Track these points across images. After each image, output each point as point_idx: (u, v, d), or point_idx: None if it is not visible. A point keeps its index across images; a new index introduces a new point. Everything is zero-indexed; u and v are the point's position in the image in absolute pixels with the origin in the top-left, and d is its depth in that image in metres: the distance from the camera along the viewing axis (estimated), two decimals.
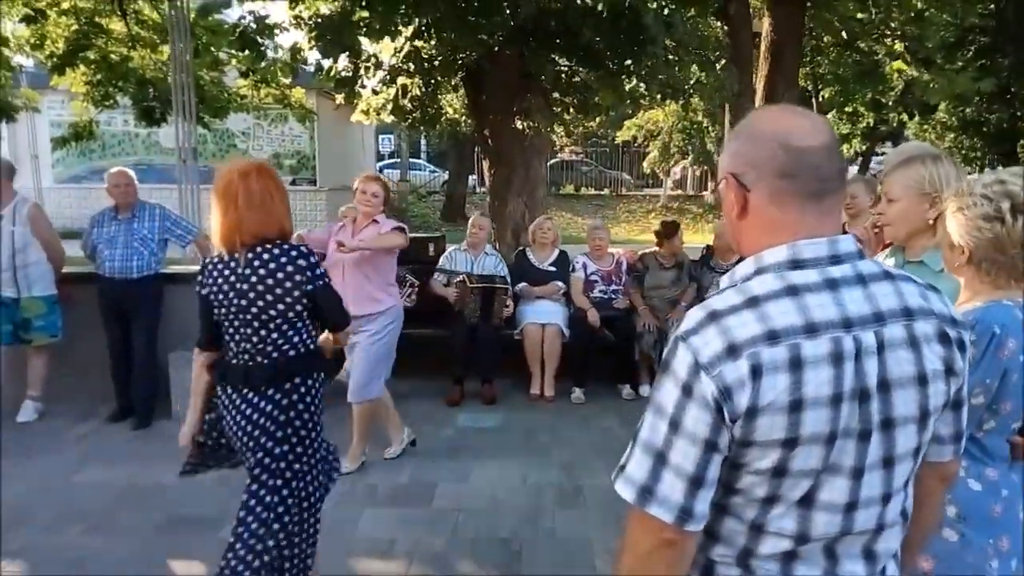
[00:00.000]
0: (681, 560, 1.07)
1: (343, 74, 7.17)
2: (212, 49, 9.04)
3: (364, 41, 6.44)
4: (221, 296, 2.37)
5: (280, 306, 2.34)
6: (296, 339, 2.40)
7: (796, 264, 1.04)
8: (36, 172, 17.49)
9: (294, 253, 2.35)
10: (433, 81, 7.11)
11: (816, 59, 16.05)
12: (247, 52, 7.59)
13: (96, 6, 10.46)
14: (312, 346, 2.46)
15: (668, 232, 5.63)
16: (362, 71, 7.11)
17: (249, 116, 14.71)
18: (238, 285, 2.34)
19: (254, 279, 2.33)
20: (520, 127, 6.72)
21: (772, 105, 1.20)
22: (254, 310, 2.33)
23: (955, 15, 9.36)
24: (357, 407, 3.99)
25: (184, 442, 2.56)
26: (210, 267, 2.42)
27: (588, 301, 5.45)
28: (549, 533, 3.35)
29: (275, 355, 2.37)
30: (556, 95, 7.16)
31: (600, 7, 5.67)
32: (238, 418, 2.37)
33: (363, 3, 5.64)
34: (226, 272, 2.37)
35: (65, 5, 10.26)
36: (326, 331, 2.56)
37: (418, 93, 7.20)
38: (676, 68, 6.86)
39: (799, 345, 0.99)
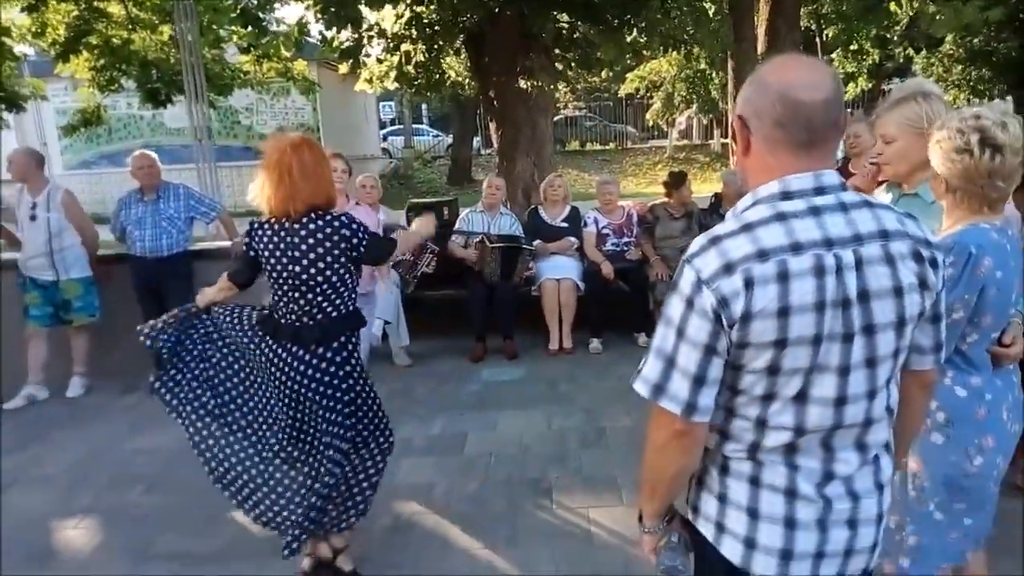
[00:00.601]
0: (692, 448, 1.29)
1: (346, 44, 7.24)
2: (214, 27, 9.07)
3: (365, 10, 6.50)
4: (273, 260, 2.53)
5: (327, 272, 2.50)
6: (339, 301, 2.57)
7: (785, 195, 1.22)
8: (46, 160, 17.64)
9: (338, 223, 2.50)
10: (436, 46, 7.18)
11: (801, 2, 15.90)
12: (250, 28, 7.65)
13: None
14: (352, 307, 2.64)
15: (676, 182, 5.75)
16: (365, 40, 7.18)
17: (251, 92, 14.76)
18: (289, 252, 2.50)
19: (303, 247, 2.48)
20: (524, 86, 6.79)
21: (789, 56, 1.33)
22: (304, 276, 2.50)
23: None
24: None
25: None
26: (259, 231, 2.56)
27: (601, 254, 5.60)
28: (576, 471, 3.58)
29: (320, 316, 2.54)
30: (558, 52, 7.20)
31: None
32: (291, 373, 2.56)
33: None
34: (275, 238, 2.52)
35: None
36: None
37: (421, 59, 7.27)
38: (675, 19, 6.88)
39: (786, 261, 1.17)
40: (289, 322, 2.57)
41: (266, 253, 2.55)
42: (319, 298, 2.53)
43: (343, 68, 9.59)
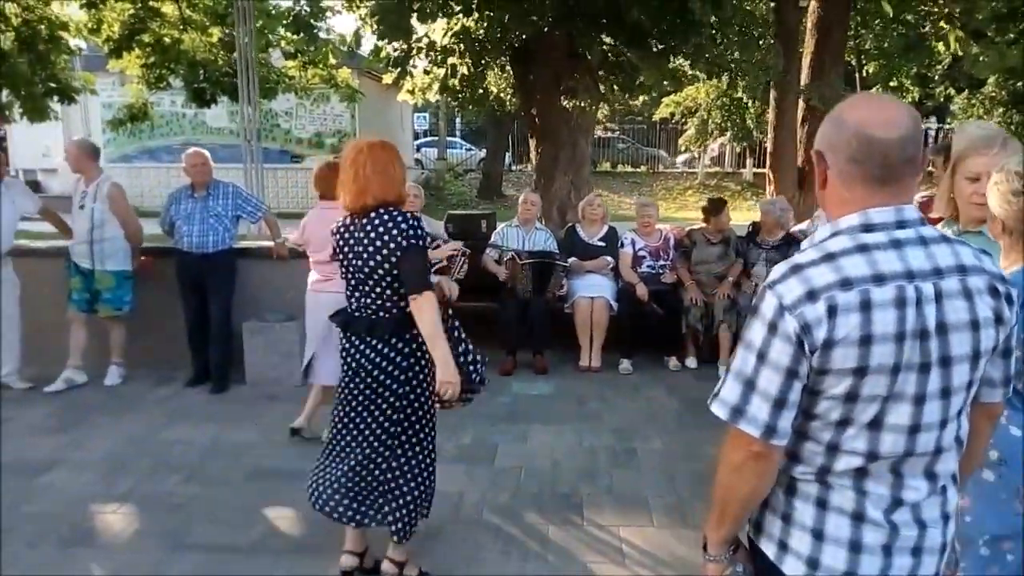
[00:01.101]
0: (767, 471, 1.31)
1: (395, 54, 7.38)
2: (266, 32, 9.28)
3: (416, 23, 6.63)
4: (351, 255, 2.63)
5: (386, 265, 2.54)
6: (400, 297, 2.59)
7: (867, 228, 1.25)
8: None
9: (399, 218, 2.55)
10: (482, 61, 7.29)
11: (860, 33, 15.79)
12: (301, 35, 7.83)
13: None
14: None
15: (715, 209, 5.76)
16: (414, 52, 7.31)
17: (291, 96, 15.03)
18: (357, 246, 2.60)
19: (366, 241, 2.57)
20: (567, 106, 6.86)
21: (867, 94, 1.43)
22: (366, 269, 2.58)
23: None
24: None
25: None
26: (341, 229, 2.68)
27: (636, 275, 5.62)
28: (607, 489, 3.59)
29: (394, 311, 2.61)
30: (601, 74, 7.27)
31: None
32: (365, 363, 2.64)
33: None
34: (346, 233, 2.64)
35: None
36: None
37: (466, 72, 7.38)
38: (722, 46, 6.92)
39: (869, 291, 1.20)
40: (364, 315, 2.66)
41: (344, 248, 2.65)
42: (387, 291, 2.59)
43: (387, 78, 9.74)
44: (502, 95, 9.09)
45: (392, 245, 2.52)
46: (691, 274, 5.64)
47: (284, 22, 8.55)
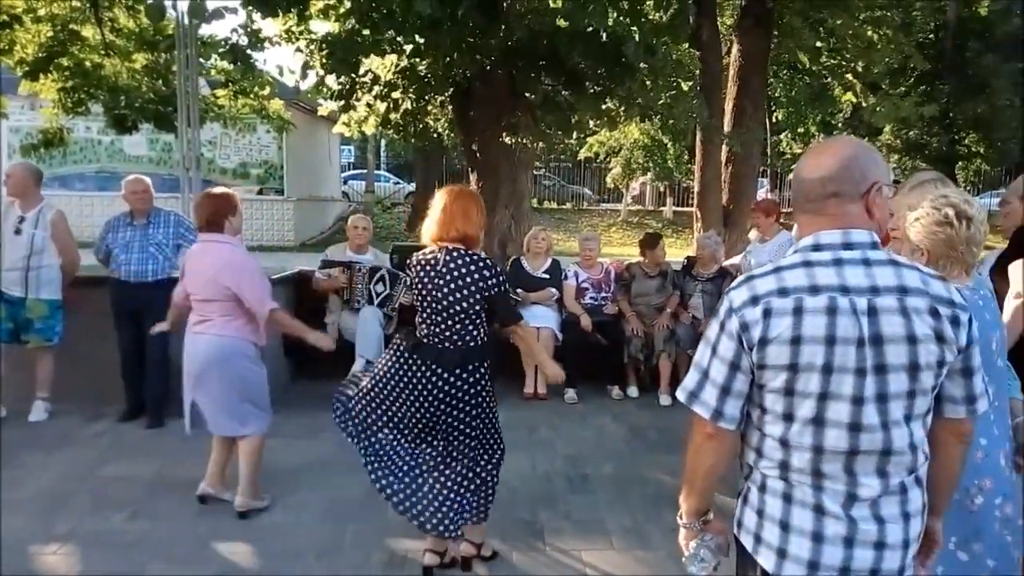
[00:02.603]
0: (720, 450, 1.55)
1: (338, 87, 7.41)
2: (200, 60, 9.11)
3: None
4: (422, 286, 2.87)
5: (464, 303, 2.81)
6: (475, 332, 2.88)
7: (816, 247, 1.50)
8: None
9: (481, 263, 2.85)
10: (424, 97, 7.41)
11: (770, 82, 16.94)
12: (238, 64, 7.74)
13: (71, 13, 10.44)
14: (486, 338, 2.94)
15: (651, 243, 6.03)
16: (357, 86, 7.36)
17: (216, 125, 14.70)
18: (436, 280, 2.83)
19: (448, 277, 2.81)
20: (509, 142, 7.05)
21: (820, 142, 1.73)
22: (445, 303, 2.82)
23: (898, 43, 10.13)
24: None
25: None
26: (416, 262, 2.93)
27: (580, 307, 5.79)
28: (565, 515, 3.66)
29: (460, 343, 2.85)
30: (539, 113, 7.51)
31: (590, 31, 6.04)
32: (432, 390, 2.86)
33: (368, 23, 5.91)
34: (427, 267, 2.87)
35: (41, 12, 10.21)
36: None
37: (409, 107, 7.49)
38: (651, 92, 7.29)
39: (803, 299, 1.43)
40: (432, 344, 2.88)
41: (418, 280, 2.90)
42: (457, 325, 2.84)
43: (323, 110, 9.74)
44: (440, 130, 9.23)
45: (482, 285, 2.82)
46: (631, 306, 5.85)
47: (220, 50, 8.44)
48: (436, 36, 5.91)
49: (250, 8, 6.09)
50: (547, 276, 5.92)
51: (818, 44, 10.70)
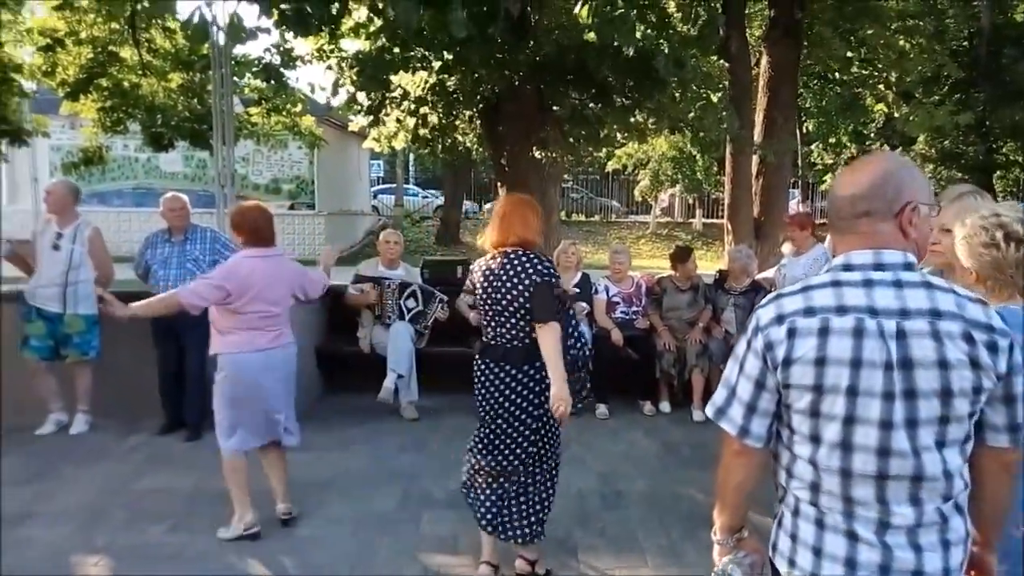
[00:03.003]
0: (748, 466, 1.56)
1: (368, 104, 7.52)
2: (235, 79, 9.33)
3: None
4: (491, 290, 2.96)
5: (520, 299, 2.88)
6: (532, 329, 2.91)
7: (847, 267, 1.47)
8: (36, 195, 17.54)
9: (535, 259, 2.94)
10: (453, 112, 7.49)
11: (800, 93, 16.81)
12: (271, 82, 7.91)
13: (111, 36, 10.74)
14: None
15: (682, 257, 5.98)
16: (387, 102, 7.46)
17: (249, 142, 14.98)
18: (496, 282, 2.95)
19: (504, 278, 2.92)
20: (537, 156, 7.08)
21: (858, 159, 1.70)
22: (504, 302, 2.92)
23: (932, 52, 9.99)
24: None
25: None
26: (481, 267, 3.05)
27: (611, 321, 5.76)
28: (599, 532, 3.63)
29: (527, 340, 2.93)
30: (568, 127, 7.54)
31: (616, 47, 6.05)
32: (499, 386, 2.98)
33: (398, 41, 6.00)
34: (487, 271, 2.99)
35: (83, 35, 10.53)
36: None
37: (438, 123, 7.56)
38: (681, 104, 7.28)
39: (829, 319, 1.41)
40: (499, 344, 3.00)
41: (480, 283, 3.01)
42: (521, 322, 2.92)
43: (354, 125, 9.87)
44: (468, 145, 9.30)
45: (527, 281, 2.88)
46: (662, 320, 5.81)
47: (253, 69, 8.63)
48: (465, 53, 5.98)
49: (283, 28, 6.21)
50: (577, 290, 5.89)
51: (849, 54, 10.59)
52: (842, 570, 1.42)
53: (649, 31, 6.53)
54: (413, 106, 7.33)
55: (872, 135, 18.38)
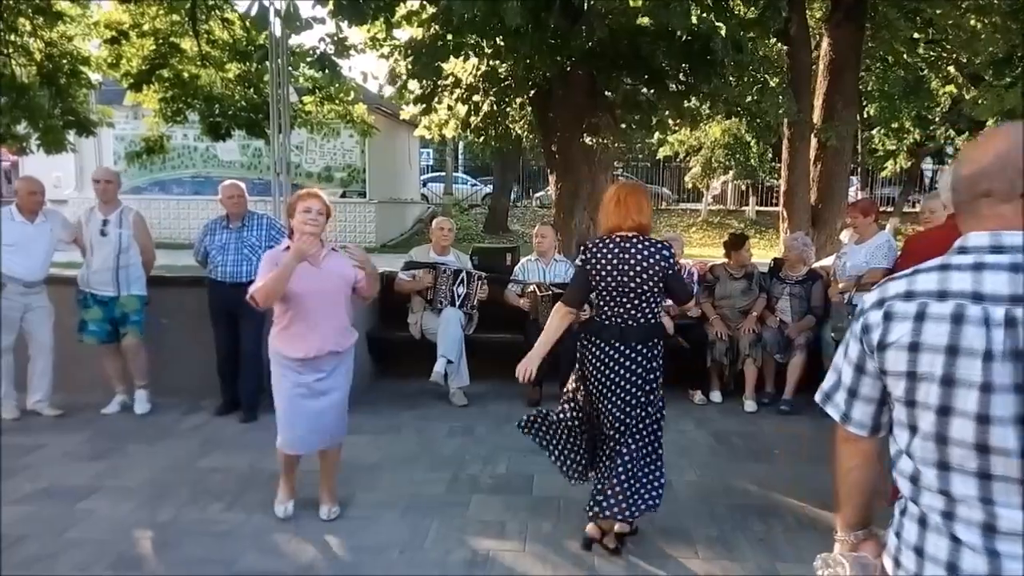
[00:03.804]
0: (855, 455, 1.51)
1: (419, 92, 7.55)
2: (290, 69, 9.47)
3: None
4: (603, 272, 3.10)
5: (648, 284, 3.07)
6: (655, 309, 3.16)
7: (962, 250, 1.35)
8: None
9: (659, 246, 3.11)
10: (505, 99, 7.47)
11: (862, 76, 16.21)
12: (325, 72, 8.00)
13: (172, 27, 11.04)
14: (660, 318, 3.22)
15: (736, 244, 5.86)
16: (439, 90, 7.49)
17: (303, 130, 15.24)
18: (619, 264, 3.08)
19: (631, 261, 3.07)
20: (589, 142, 7.01)
21: (991, 128, 1.53)
22: (632, 284, 3.07)
23: (1006, 31, 9.48)
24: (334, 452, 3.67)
25: (523, 371, 3.29)
26: (593, 248, 3.17)
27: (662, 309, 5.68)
28: (648, 520, 3.57)
29: (642, 320, 3.12)
30: (620, 113, 7.44)
31: (672, 30, 5.94)
32: (613, 366, 3.13)
33: (452, 27, 6.00)
34: (608, 254, 3.11)
35: (145, 27, 10.84)
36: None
37: (491, 110, 7.56)
38: (738, 88, 7.10)
39: (927, 304, 1.31)
40: (614, 324, 3.14)
41: (597, 266, 3.13)
42: (641, 304, 3.11)
43: (405, 114, 9.95)
44: (519, 132, 9.28)
45: (657, 268, 3.07)
46: (715, 309, 5.70)
47: (308, 59, 8.74)
48: (517, 39, 5.94)
49: (338, 17, 6.28)
50: None
51: (915, 35, 10.16)
52: (944, 574, 1.31)
53: (704, 15, 6.38)
54: (465, 93, 7.33)
55: (937, 119, 17.64)
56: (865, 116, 17.90)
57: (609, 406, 3.19)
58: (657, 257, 3.07)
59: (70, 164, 17.94)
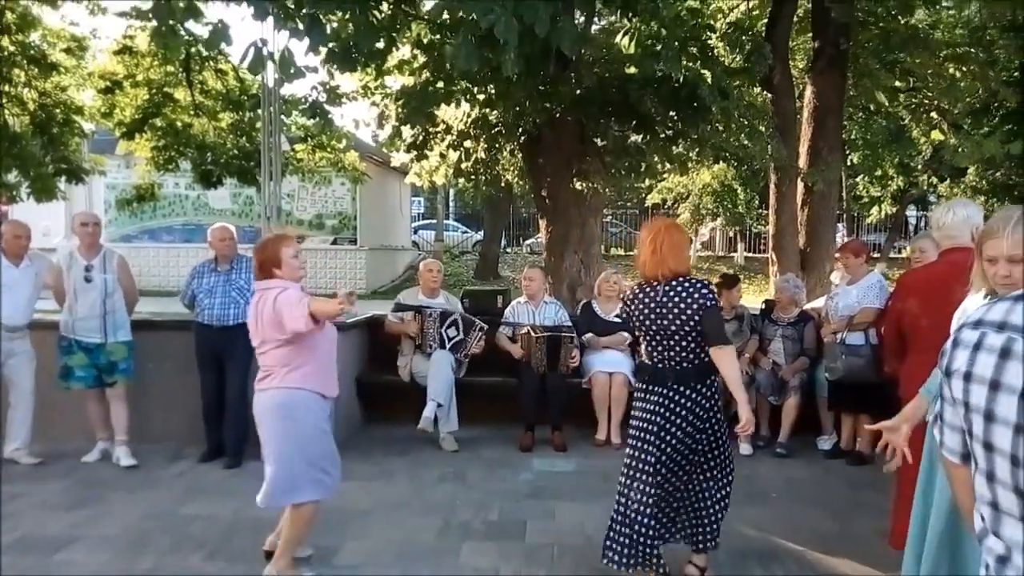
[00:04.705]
0: (956, 481, 1.45)
1: (410, 139, 7.64)
2: (282, 117, 9.59)
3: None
4: (642, 316, 3.13)
5: (690, 323, 3.03)
6: (701, 350, 3.08)
7: None
8: None
9: (698, 285, 3.10)
10: (496, 145, 7.56)
11: (845, 125, 16.57)
12: (317, 119, 8.11)
13: (166, 77, 11.18)
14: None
15: (729, 284, 5.86)
16: (430, 137, 7.58)
17: (294, 178, 15.32)
18: (660, 310, 3.08)
19: (670, 304, 3.05)
20: (579, 187, 7.08)
21: None
22: (672, 327, 3.05)
23: (984, 78, 9.75)
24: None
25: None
26: (631, 296, 3.23)
27: None
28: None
29: (695, 360, 3.08)
30: (609, 159, 7.53)
31: (660, 76, 6.05)
32: (674, 407, 3.08)
33: (442, 75, 6.11)
34: (646, 299, 3.13)
35: (139, 77, 10.98)
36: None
37: (482, 156, 7.64)
38: (724, 134, 7.23)
39: (986, 335, 1.27)
40: (668, 367, 3.11)
41: (636, 312, 3.16)
42: (690, 344, 3.07)
43: (395, 160, 10.05)
44: (510, 178, 9.38)
45: (695, 307, 3.03)
46: None
47: (300, 107, 8.88)
48: (509, 86, 6.03)
49: (330, 64, 6.38)
50: (619, 320, 5.81)
51: (896, 83, 10.42)
52: None
53: (689, 63, 6.53)
54: (456, 140, 7.42)
55: (919, 167, 18.00)
56: (849, 164, 18.23)
57: (671, 452, 3.09)
58: (696, 296, 3.05)
59: (60, 213, 17.91)
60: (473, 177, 8.19)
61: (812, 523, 4.05)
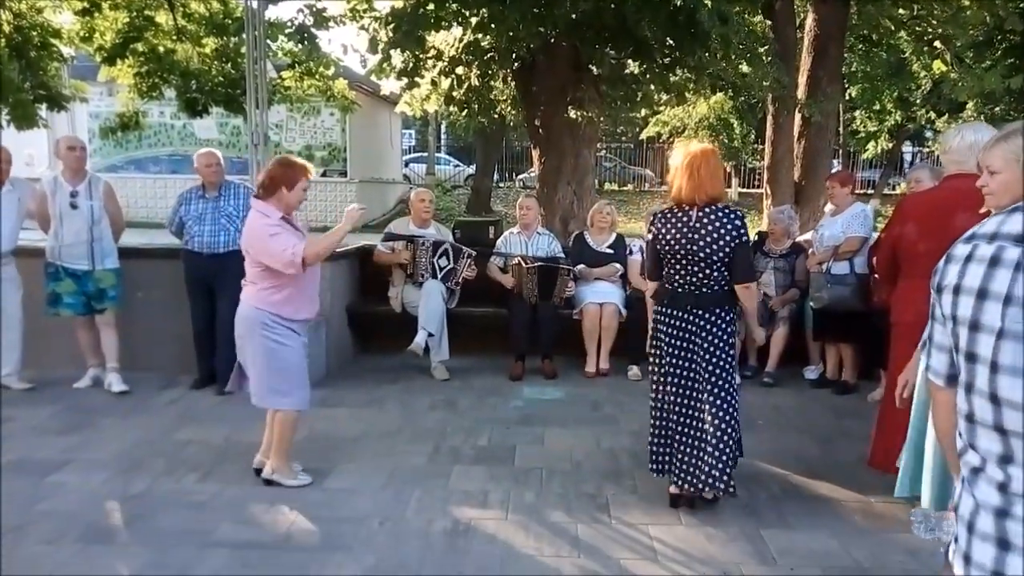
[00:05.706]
0: (938, 405, 1.44)
1: (401, 65, 7.41)
2: (268, 42, 9.26)
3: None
4: (672, 240, 3.11)
5: (720, 253, 3.05)
6: (724, 278, 3.12)
7: None
8: None
9: (732, 215, 3.09)
10: (488, 72, 7.35)
11: (845, 57, 16.23)
12: (304, 44, 7.84)
13: (146, 0, 10.75)
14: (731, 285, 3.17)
15: None
16: (423, 62, 7.34)
17: (282, 108, 14.93)
18: (691, 234, 3.07)
19: (703, 231, 3.05)
20: (574, 116, 6.93)
21: None
22: (702, 253, 3.06)
23: (992, 12, 9.49)
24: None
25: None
26: (661, 218, 3.18)
27: (645, 283, 5.64)
28: (631, 489, 3.57)
29: (715, 287, 3.12)
30: (605, 87, 7.35)
31: (657, 1, 5.85)
32: (692, 329, 3.15)
33: None
34: (678, 224, 3.11)
35: None
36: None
37: (475, 84, 7.43)
38: (724, 61, 7.04)
39: (978, 246, 1.24)
40: (687, 291, 3.15)
41: (667, 236, 3.13)
42: (714, 272, 3.10)
43: (386, 88, 9.79)
44: (502, 107, 9.17)
45: (728, 238, 3.05)
46: None
47: (287, 31, 8.56)
48: (501, 8, 5.82)
49: None
50: (611, 251, 5.79)
51: (900, 11, 10.14)
52: (992, 523, 1.22)
53: None
54: (447, 66, 7.20)
55: (918, 101, 17.73)
56: (847, 98, 17.94)
57: (689, 374, 3.19)
58: (730, 227, 3.05)
59: (43, 141, 17.52)
60: (465, 106, 7.99)
61: (796, 449, 4.12)
